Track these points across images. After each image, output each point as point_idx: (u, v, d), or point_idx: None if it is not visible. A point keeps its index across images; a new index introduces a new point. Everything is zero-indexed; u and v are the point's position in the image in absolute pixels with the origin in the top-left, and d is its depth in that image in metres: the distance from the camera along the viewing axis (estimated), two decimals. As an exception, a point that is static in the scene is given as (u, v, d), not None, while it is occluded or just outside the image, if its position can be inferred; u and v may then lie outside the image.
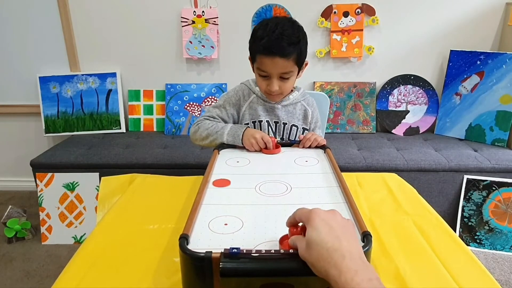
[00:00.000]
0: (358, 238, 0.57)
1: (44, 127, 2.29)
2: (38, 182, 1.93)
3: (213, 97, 2.28)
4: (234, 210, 0.71)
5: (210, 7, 2.17)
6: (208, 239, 0.61)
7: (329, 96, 2.01)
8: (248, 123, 1.21)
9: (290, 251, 0.54)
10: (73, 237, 1.95)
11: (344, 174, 0.85)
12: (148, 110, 2.34)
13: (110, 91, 2.30)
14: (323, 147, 1.06)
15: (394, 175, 1.13)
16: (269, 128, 1.22)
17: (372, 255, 0.58)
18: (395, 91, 2.25)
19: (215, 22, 2.17)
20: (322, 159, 0.98)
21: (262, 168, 0.93)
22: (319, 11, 2.14)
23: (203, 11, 2.16)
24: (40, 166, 1.92)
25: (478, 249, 1.85)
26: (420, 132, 2.24)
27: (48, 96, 2.28)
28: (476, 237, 1.86)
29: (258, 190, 0.80)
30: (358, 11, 2.13)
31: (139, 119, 2.35)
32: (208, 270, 0.54)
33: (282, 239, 0.59)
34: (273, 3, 2.15)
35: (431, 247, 0.78)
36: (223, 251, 0.55)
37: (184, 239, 0.59)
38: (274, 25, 1.06)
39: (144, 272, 0.70)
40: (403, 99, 2.25)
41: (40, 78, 2.26)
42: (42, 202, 1.94)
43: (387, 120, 2.26)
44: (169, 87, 2.30)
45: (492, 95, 2.03)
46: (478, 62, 2.08)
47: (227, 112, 1.23)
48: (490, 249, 1.84)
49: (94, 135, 2.27)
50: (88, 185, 1.92)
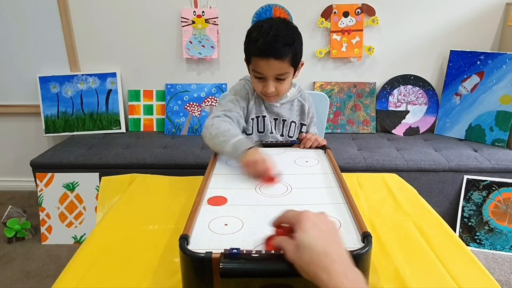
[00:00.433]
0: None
1: (44, 127, 2.29)
2: (38, 182, 1.93)
3: (213, 97, 2.28)
4: (234, 210, 0.71)
5: (210, 7, 2.17)
6: (208, 240, 0.61)
7: (329, 96, 2.01)
8: (253, 135, 1.20)
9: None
10: (73, 237, 1.95)
11: (344, 175, 0.84)
12: (148, 110, 2.34)
13: (110, 91, 2.30)
14: (323, 148, 1.06)
15: (394, 175, 1.13)
16: (270, 124, 1.22)
17: (372, 256, 0.58)
18: (395, 91, 2.25)
19: (215, 22, 2.17)
20: (322, 160, 0.98)
21: None
22: (319, 11, 2.14)
23: (203, 11, 2.16)
24: (40, 166, 1.92)
25: (478, 249, 1.85)
26: (420, 132, 2.24)
27: (48, 96, 2.28)
28: (476, 237, 1.86)
29: (258, 190, 0.80)
30: (358, 11, 2.13)
31: (139, 119, 2.35)
32: (208, 270, 0.54)
33: (268, 240, 0.58)
34: (273, 3, 2.15)
35: (431, 248, 0.78)
36: (223, 251, 0.55)
37: (184, 239, 0.59)
38: (268, 26, 1.05)
39: (144, 272, 0.70)
40: (403, 99, 2.25)
41: (40, 78, 2.26)
42: (42, 202, 1.94)
43: (387, 120, 2.26)
44: (169, 87, 2.30)
45: (492, 95, 2.03)
46: (478, 62, 2.08)
47: (240, 105, 1.16)
48: (490, 249, 1.84)
49: (94, 135, 2.27)
50: (88, 185, 1.92)
